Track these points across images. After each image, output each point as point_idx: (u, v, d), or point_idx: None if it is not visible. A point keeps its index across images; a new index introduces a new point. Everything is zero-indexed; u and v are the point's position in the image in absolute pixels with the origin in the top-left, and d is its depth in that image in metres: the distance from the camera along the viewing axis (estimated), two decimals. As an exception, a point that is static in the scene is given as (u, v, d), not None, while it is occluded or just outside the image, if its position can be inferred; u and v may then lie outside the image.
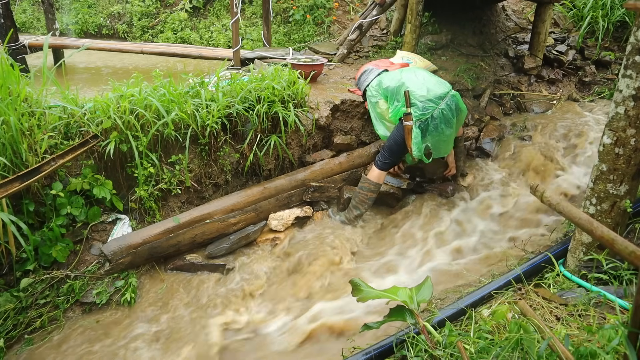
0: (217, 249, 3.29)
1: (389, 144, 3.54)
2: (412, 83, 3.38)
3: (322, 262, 3.21)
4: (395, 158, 3.57)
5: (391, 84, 3.46)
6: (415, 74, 3.48)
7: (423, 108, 3.28)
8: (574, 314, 2.09)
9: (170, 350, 2.64)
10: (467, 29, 5.64)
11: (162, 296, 3.02)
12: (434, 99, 3.30)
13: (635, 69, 2.03)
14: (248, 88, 3.53)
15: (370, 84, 3.73)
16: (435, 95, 3.31)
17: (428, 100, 3.29)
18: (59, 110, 3.10)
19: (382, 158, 3.58)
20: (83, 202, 3.07)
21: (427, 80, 3.43)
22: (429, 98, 3.30)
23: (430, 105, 3.29)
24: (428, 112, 3.29)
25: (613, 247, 1.34)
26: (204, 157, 3.46)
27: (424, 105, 3.29)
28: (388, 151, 3.54)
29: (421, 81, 3.40)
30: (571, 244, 2.49)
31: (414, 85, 3.35)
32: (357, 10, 7.14)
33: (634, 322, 1.25)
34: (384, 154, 3.57)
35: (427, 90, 3.32)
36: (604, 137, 2.22)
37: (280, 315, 2.89)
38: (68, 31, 8.65)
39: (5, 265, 2.79)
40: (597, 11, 5.81)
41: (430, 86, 3.36)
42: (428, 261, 3.23)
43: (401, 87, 3.37)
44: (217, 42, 7.55)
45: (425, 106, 3.29)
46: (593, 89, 5.46)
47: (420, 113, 3.28)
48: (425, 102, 3.29)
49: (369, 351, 2.12)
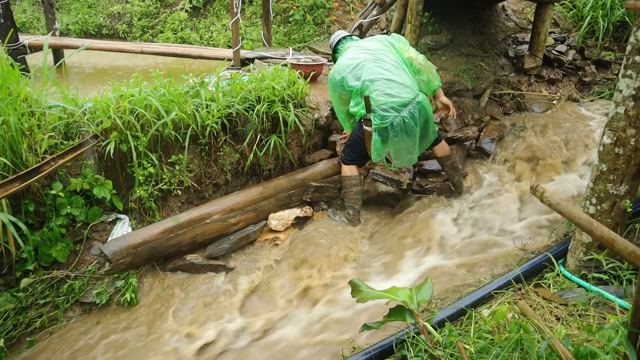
0: (217, 249, 3.29)
1: (351, 142, 3.49)
2: (376, 86, 3.16)
3: (323, 262, 3.22)
4: (359, 156, 3.52)
5: (354, 83, 3.23)
6: (382, 70, 3.19)
7: (382, 117, 3.14)
8: (574, 314, 2.08)
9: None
10: (467, 29, 5.64)
11: (162, 296, 3.02)
12: (396, 106, 3.13)
13: (635, 69, 2.03)
14: (248, 88, 3.53)
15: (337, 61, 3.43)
16: (398, 103, 3.13)
17: (390, 108, 3.12)
18: (59, 110, 3.10)
19: (346, 155, 3.55)
20: (83, 202, 3.07)
21: (391, 81, 3.17)
22: (390, 106, 3.12)
23: (390, 114, 3.13)
24: (387, 121, 3.14)
25: (613, 247, 1.34)
26: (203, 157, 3.46)
27: (383, 114, 3.14)
28: (351, 150, 3.51)
29: (385, 83, 3.16)
30: (571, 244, 2.49)
31: (376, 88, 3.15)
32: (357, 10, 7.14)
33: (634, 322, 1.24)
34: (347, 152, 3.54)
35: (389, 96, 3.13)
36: (604, 137, 2.22)
37: (279, 315, 2.89)
38: (68, 31, 8.65)
39: (5, 265, 2.79)
40: (597, 11, 5.81)
41: (394, 91, 3.15)
42: (428, 261, 3.23)
43: (364, 90, 3.19)
44: (217, 42, 7.55)
45: (384, 115, 3.13)
46: (593, 89, 5.46)
47: (379, 122, 3.16)
48: (385, 111, 3.13)
49: (368, 351, 2.12)
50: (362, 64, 3.26)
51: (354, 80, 3.25)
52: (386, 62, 3.26)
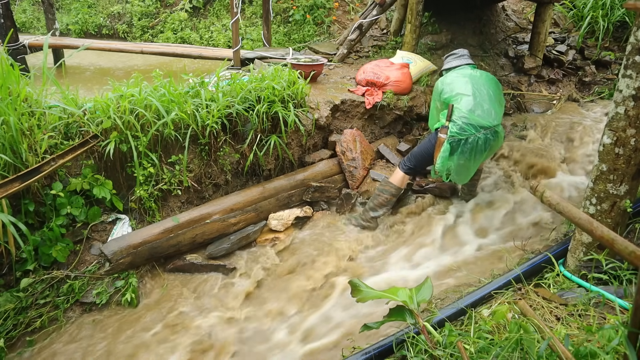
0: (217, 249, 3.29)
1: (419, 150, 3.54)
2: (465, 101, 3.24)
3: (323, 262, 3.22)
4: (420, 166, 3.56)
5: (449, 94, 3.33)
6: (477, 93, 3.29)
7: (460, 129, 3.19)
8: (574, 314, 2.08)
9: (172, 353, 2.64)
10: (467, 29, 5.64)
11: (162, 296, 3.02)
12: (477, 125, 3.19)
13: (635, 69, 2.03)
14: (248, 88, 3.53)
15: (443, 80, 3.49)
16: (479, 123, 3.19)
17: (470, 124, 3.19)
18: (59, 110, 3.10)
19: (407, 162, 3.57)
20: (83, 202, 3.07)
21: (481, 105, 3.25)
22: (472, 123, 3.19)
23: (469, 128, 3.19)
24: (465, 134, 3.20)
25: (613, 247, 1.34)
26: (203, 157, 3.46)
27: (463, 126, 3.19)
28: (415, 157, 3.53)
29: (475, 103, 3.24)
30: (571, 244, 2.49)
31: (465, 103, 3.23)
32: (357, 10, 7.14)
33: (633, 322, 1.25)
34: (410, 159, 3.56)
35: (474, 114, 3.20)
36: (604, 137, 2.22)
37: (279, 316, 2.89)
38: (68, 31, 8.65)
39: (5, 265, 2.79)
40: (597, 11, 5.81)
41: (480, 112, 3.22)
42: (428, 261, 3.23)
43: (452, 99, 3.28)
44: (217, 42, 7.55)
45: (464, 128, 3.19)
46: (593, 89, 5.46)
47: (456, 131, 3.20)
48: (465, 124, 3.19)
49: (368, 351, 2.12)
50: (463, 81, 3.36)
51: (450, 92, 3.34)
52: (483, 89, 3.33)
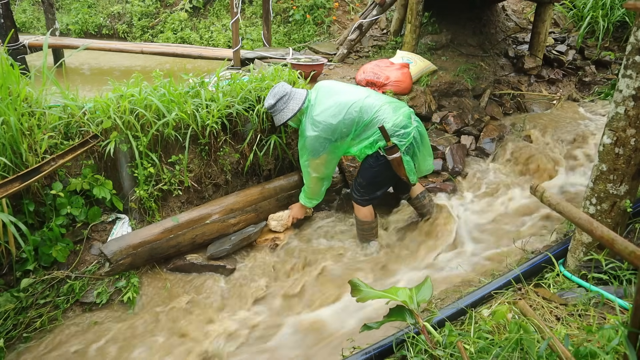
0: (217, 249, 3.29)
1: (367, 180, 3.17)
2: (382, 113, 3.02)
3: (323, 261, 3.22)
4: (379, 190, 3.26)
5: (347, 127, 3.01)
6: (374, 99, 3.09)
7: (404, 135, 3.03)
8: (574, 314, 2.08)
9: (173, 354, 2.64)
10: (467, 29, 5.64)
11: (162, 296, 3.02)
12: (405, 119, 3.06)
13: (635, 69, 2.03)
14: (248, 88, 3.53)
15: (314, 110, 3.10)
16: (405, 115, 3.08)
17: (404, 124, 3.04)
18: (59, 110, 3.10)
19: (363, 195, 3.22)
20: (83, 202, 3.07)
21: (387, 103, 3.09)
22: (403, 122, 3.04)
23: (407, 129, 3.05)
24: (410, 136, 3.06)
25: (613, 247, 1.34)
26: (204, 157, 3.46)
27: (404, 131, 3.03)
28: (367, 188, 3.20)
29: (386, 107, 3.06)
30: (571, 244, 2.49)
31: (383, 114, 3.02)
32: (357, 10, 7.14)
33: (634, 322, 1.25)
34: (361, 191, 3.22)
35: (397, 114, 3.05)
36: (604, 137, 2.22)
37: (278, 317, 2.89)
38: (68, 31, 8.65)
39: (6, 265, 2.79)
40: (597, 11, 5.81)
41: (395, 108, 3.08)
42: (428, 260, 3.23)
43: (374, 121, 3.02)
44: (217, 42, 7.55)
45: (405, 132, 3.04)
46: (593, 89, 5.46)
47: (405, 140, 3.04)
48: (404, 128, 3.03)
49: (368, 351, 2.12)
50: (338, 99, 3.07)
51: (356, 114, 3.01)
52: (370, 92, 3.19)
